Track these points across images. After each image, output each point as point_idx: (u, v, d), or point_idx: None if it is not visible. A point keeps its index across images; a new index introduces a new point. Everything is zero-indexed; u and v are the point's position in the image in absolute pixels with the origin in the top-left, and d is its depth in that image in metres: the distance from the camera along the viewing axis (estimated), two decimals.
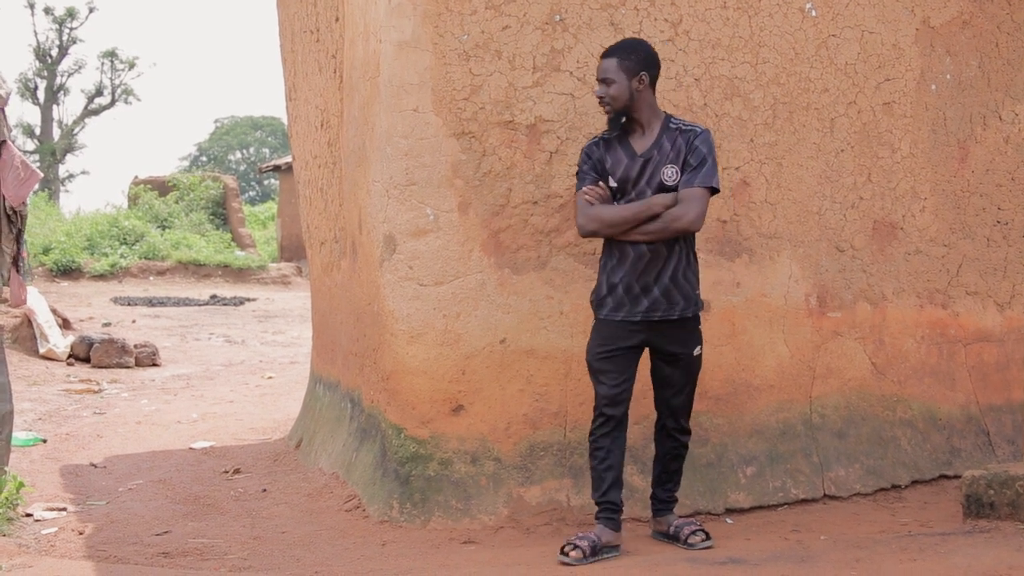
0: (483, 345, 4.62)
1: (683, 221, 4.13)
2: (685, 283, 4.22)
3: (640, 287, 4.19)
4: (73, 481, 5.72)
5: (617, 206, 4.21)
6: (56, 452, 6.61)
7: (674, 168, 4.19)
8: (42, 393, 9.06)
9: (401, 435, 4.63)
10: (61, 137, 41.61)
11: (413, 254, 4.56)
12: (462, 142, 4.57)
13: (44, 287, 17.40)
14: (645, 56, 4.23)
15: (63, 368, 10.60)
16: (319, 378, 6.51)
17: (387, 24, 4.52)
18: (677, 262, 4.21)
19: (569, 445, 4.69)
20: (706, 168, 4.17)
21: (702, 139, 4.22)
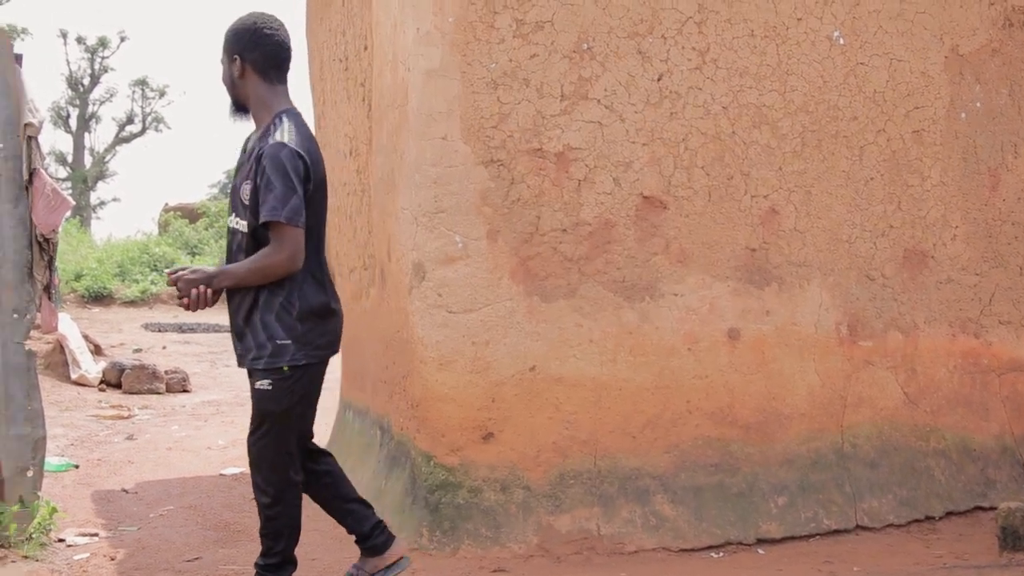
0: (512, 372, 4.61)
1: (277, 266, 3.54)
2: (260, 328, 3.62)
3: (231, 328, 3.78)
4: (105, 507, 5.75)
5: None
6: (88, 477, 6.64)
7: (250, 186, 3.60)
8: (74, 419, 9.11)
9: (431, 462, 4.62)
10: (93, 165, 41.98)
11: (442, 282, 4.57)
12: (490, 170, 4.58)
13: (76, 313, 17.52)
14: (238, 38, 3.70)
15: (95, 394, 10.66)
16: (349, 405, 6.52)
17: (415, 52, 4.55)
18: (253, 301, 3.63)
19: (599, 473, 4.67)
20: (274, 195, 3.49)
21: (267, 156, 3.53)
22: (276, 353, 3.61)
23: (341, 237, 6.52)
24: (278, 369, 3.61)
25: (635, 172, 4.72)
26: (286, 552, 3.76)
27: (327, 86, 6.64)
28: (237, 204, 3.69)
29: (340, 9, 6.10)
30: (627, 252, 4.73)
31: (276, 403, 3.64)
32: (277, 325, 3.61)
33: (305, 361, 3.65)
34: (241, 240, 3.67)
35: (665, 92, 4.75)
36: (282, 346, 3.61)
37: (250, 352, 3.65)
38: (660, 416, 4.77)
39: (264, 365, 3.61)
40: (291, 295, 3.61)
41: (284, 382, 3.62)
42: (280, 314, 3.61)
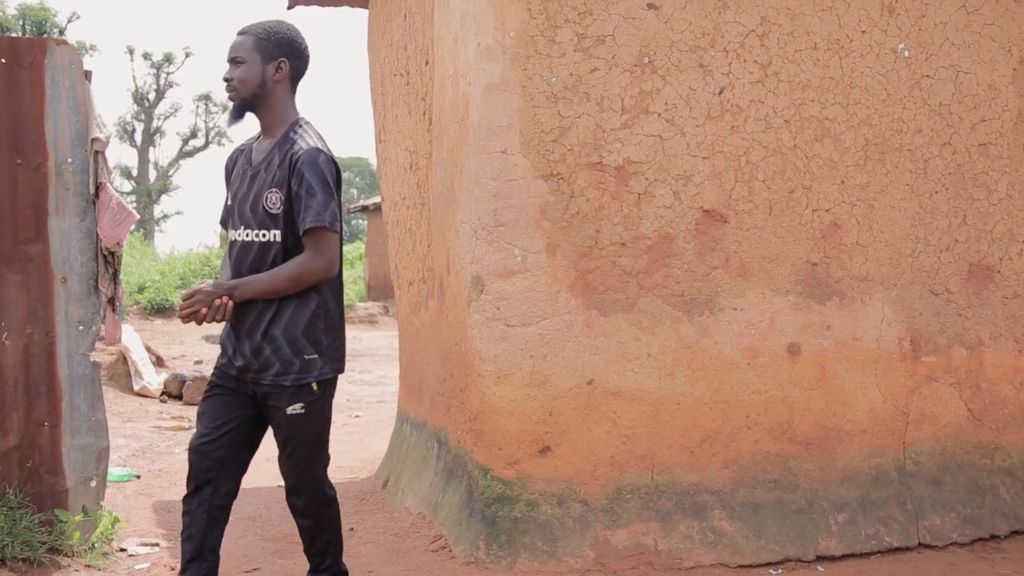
0: (570, 386, 4.61)
1: (314, 273, 3.52)
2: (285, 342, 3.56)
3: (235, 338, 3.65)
4: (166, 517, 5.81)
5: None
6: (149, 488, 6.72)
7: (278, 194, 3.54)
8: (136, 429, 9.23)
9: (488, 476, 4.63)
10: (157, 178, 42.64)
11: (501, 295, 4.57)
12: (550, 184, 4.59)
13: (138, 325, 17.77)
14: (289, 42, 3.66)
15: (156, 405, 10.79)
16: (406, 417, 6.54)
17: (476, 67, 4.57)
18: (275, 314, 3.57)
19: (657, 488, 4.64)
20: (317, 201, 3.49)
21: (306, 161, 3.52)
22: (304, 369, 3.57)
23: (401, 250, 6.55)
24: (307, 387, 3.57)
25: (695, 186, 4.70)
26: (334, 566, 3.82)
27: (388, 100, 6.69)
28: (256, 215, 3.58)
29: (402, 24, 6.15)
30: (687, 266, 4.71)
31: (310, 425, 3.62)
32: (304, 339, 3.57)
33: (331, 375, 3.66)
34: (268, 253, 3.58)
35: (726, 106, 4.73)
36: (310, 361, 3.58)
37: (271, 368, 3.56)
38: (719, 431, 4.74)
39: (292, 382, 3.55)
40: (319, 307, 3.59)
41: (316, 403, 3.61)
42: (308, 328, 3.57)
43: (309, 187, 3.49)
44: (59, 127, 4.71)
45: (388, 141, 6.78)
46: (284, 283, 3.53)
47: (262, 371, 3.58)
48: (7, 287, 4.69)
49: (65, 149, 4.74)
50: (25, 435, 4.71)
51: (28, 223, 4.72)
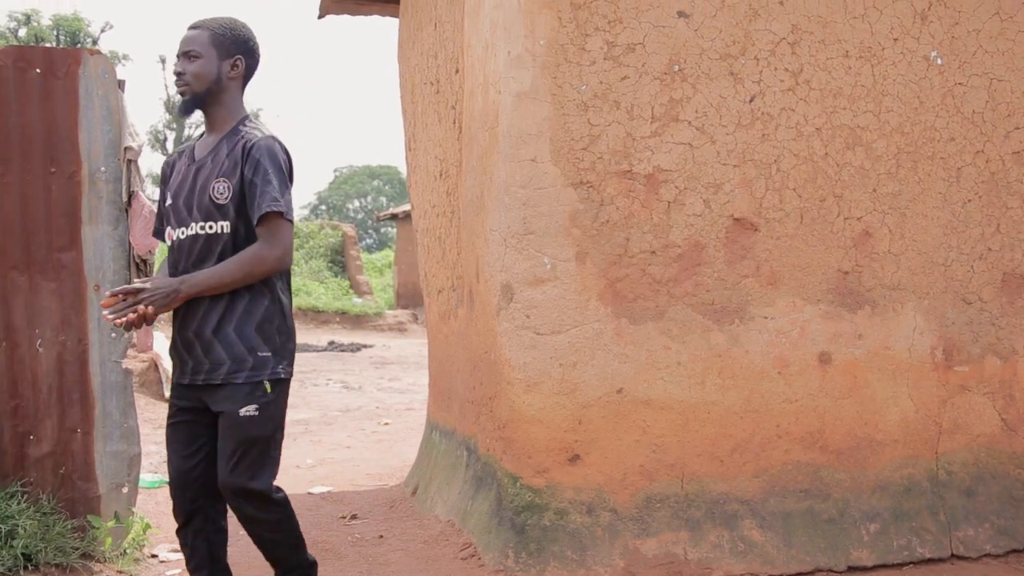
0: (600, 395, 4.60)
1: (267, 263, 3.39)
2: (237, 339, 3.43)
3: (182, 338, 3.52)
4: None
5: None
6: None
7: (226, 184, 3.43)
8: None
9: (517, 484, 4.62)
10: None
11: (530, 303, 4.57)
12: (580, 192, 4.58)
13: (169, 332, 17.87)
14: (245, 40, 3.61)
15: None
16: (435, 425, 6.55)
17: (506, 75, 4.58)
18: (226, 310, 3.44)
19: (687, 497, 4.63)
20: (272, 187, 3.38)
21: (261, 148, 3.43)
22: (258, 366, 3.43)
23: (430, 258, 6.57)
24: (259, 385, 3.42)
25: (726, 194, 4.69)
26: (302, 562, 3.70)
27: (418, 109, 6.71)
28: (202, 207, 3.45)
29: (432, 33, 6.17)
30: (717, 274, 4.69)
31: (263, 428, 3.44)
32: (257, 336, 3.43)
33: (283, 375, 3.51)
34: (215, 245, 3.45)
35: (757, 114, 4.71)
36: (263, 359, 3.44)
37: (222, 366, 3.42)
38: (749, 440, 4.72)
39: (245, 379, 3.41)
40: (272, 303, 3.47)
41: (268, 406, 3.44)
42: (261, 324, 3.45)
43: (265, 173, 3.39)
44: (93, 136, 4.76)
45: (418, 149, 6.80)
46: (234, 274, 3.38)
47: (213, 370, 3.44)
48: (41, 295, 4.74)
49: (98, 158, 4.78)
50: (58, 442, 4.75)
51: (62, 231, 4.76)
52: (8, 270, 4.72)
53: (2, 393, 4.74)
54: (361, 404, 12.03)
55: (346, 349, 18.87)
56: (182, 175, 3.56)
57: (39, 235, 4.75)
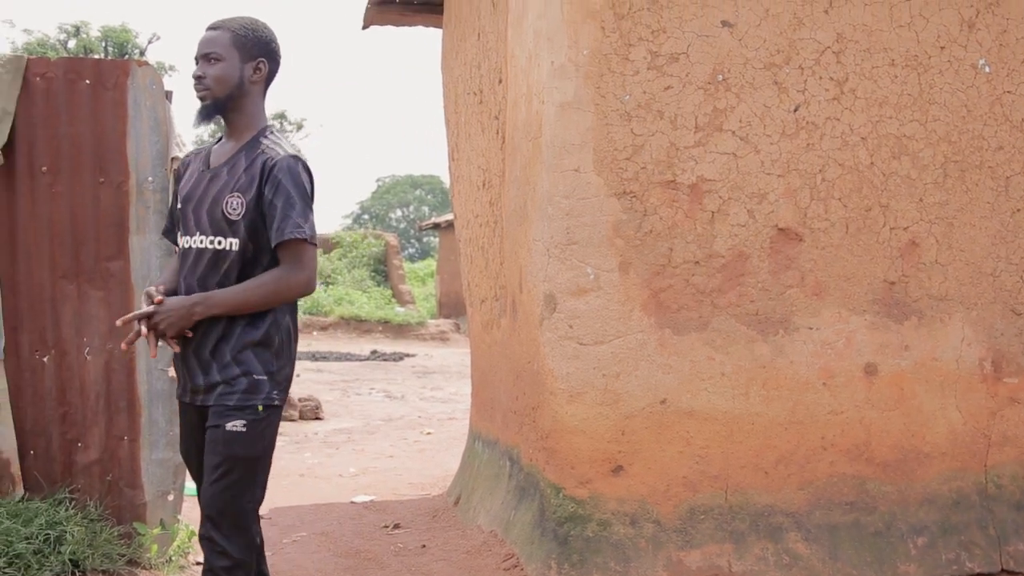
0: (643, 405, 4.58)
1: (293, 289, 3.25)
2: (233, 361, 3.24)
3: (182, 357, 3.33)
4: None
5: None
6: None
7: (240, 199, 3.23)
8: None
9: (560, 494, 4.62)
10: None
11: (573, 313, 4.57)
12: (623, 202, 4.58)
13: None
14: (268, 43, 3.39)
15: None
16: (478, 435, 6.55)
17: (550, 85, 4.58)
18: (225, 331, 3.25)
19: (731, 509, 4.60)
20: (296, 211, 3.20)
21: (284, 168, 3.24)
22: (251, 390, 3.23)
23: (473, 267, 6.58)
24: (251, 407, 3.22)
25: (770, 204, 4.66)
26: None
27: (461, 119, 6.73)
28: (213, 221, 3.27)
29: (475, 43, 6.18)
30: (761, 285, 4.67)
31: (248, 447, 3.22)
32: (254, 359, 3.25)
33: (278, 401, 3.30)
34: (221, 262, 3.27)
35: (801, 123, 4.68)
36: (258, 383, 3.24)
37: (216, 387, 3.25)
38: (794, 452, 4.68)
39: (237, 402, 3.21)
40: (272, 325, 3.28)
41: (258, 424, 3.23)
42: (258, 349, 3.26)
43: (288, 196, 3.20)
44: (140, 146, 4.81)
45: (461, 159, 6.82)
46: (256, 299, 3.22)
47: (207, 391, 3.27)
48: (89, 303, 4.79)
49: (146, 168, 4.83)
50: (105, 449, 4.80)
51: (109, 240, 4.82)
52: (58, 279, 4.78)
53: (51, 400, 4.80)
54: (403, 413, 12.06)
55: (388, 358, 18.93)
56: (194, 181, 3.38)
57: (88, 244, 4.80)
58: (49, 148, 4.79)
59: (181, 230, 3.39)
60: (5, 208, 4.78)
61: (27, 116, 4.77)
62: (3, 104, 4.71)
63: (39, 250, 4.79)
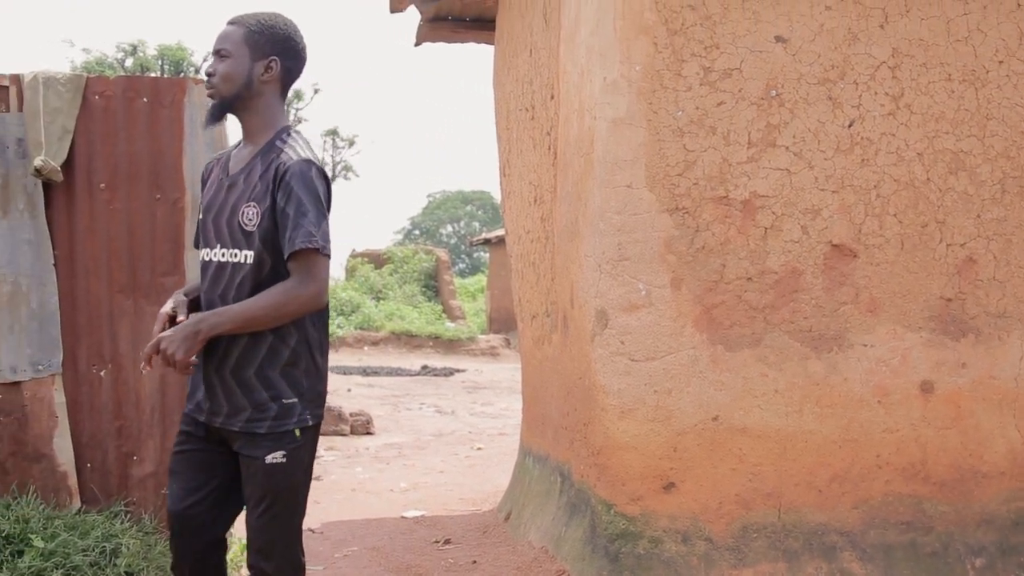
0: (695, 422, 4.56)
1: (300, 302, 3.02)
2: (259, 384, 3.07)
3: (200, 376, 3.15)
4: None
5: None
6: None
7: (255, 209, 3.06)
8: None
9: (611, 511, 4.60)
10: None
11: (625, 329, 4.56)
12: (675, 217, 4.56)
13: None
14: (284, 40, 3.19)
15: None
16: (529, 450, 6.54)
17: (602, 101, 4.58)
18: (247, 351, 3.07)
19: (784, 527, 4.56)
20: (308, 220, 2.99)
21: (296, 174, 3.03)
22: (282, 415, 3.07)
23: (524, 283, 6.58)
24: (287, 434, 3.07)
25: (824, 220, 4.62)
26: None
27: (513, 135, 6.74)
28: (231, 232, 3.10)
29: (527, 59, 6.20)
30: (815, 301, 4.63)
31: (289, 477, 3.10)
32: (282, 381, 3.08)
33: (312, 421, 3.14)
34: (235, 276, 3.09)
35: (856, 139, 4.65)
36: (288, 407, 3.08)
37: (242, 413, 3.07)
38: (848, 470, 4.63)
39: (268, 429, 3.05)
40: (299, 344, 3.11)
41: (297, 452, 3.09)
42: (286, 368, 3.09)
43: (299, 203, 3.00)
44: (196, 163, 4.87)
45: (512, 175, 6.84)
46: (264, 314, 3.00)
47: (232, 416, 3.09)
48: (145, 318, 4.85)
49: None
50: (160, 462, 4.85)
51: (165, 256, 4.88)
52: (115, 294, 4.85)
53: (107, 414, 4.86)
54: (454, 428, 12.08)
55: (439, 373, 18.97)
56: (215, 189, 3.21)
57: (144, 260, 4.87)
58: (107, 165, 4.87)
59: (202, 242, 3.23)
60: (65, 224, 4.86)
61: (86, 134, 4.85)
62: (63, 122, 4.80)
63: (97, 265, 4.87)
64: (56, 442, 4.83)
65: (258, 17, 3.18)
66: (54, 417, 4.83)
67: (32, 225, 4.82)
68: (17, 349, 4.81)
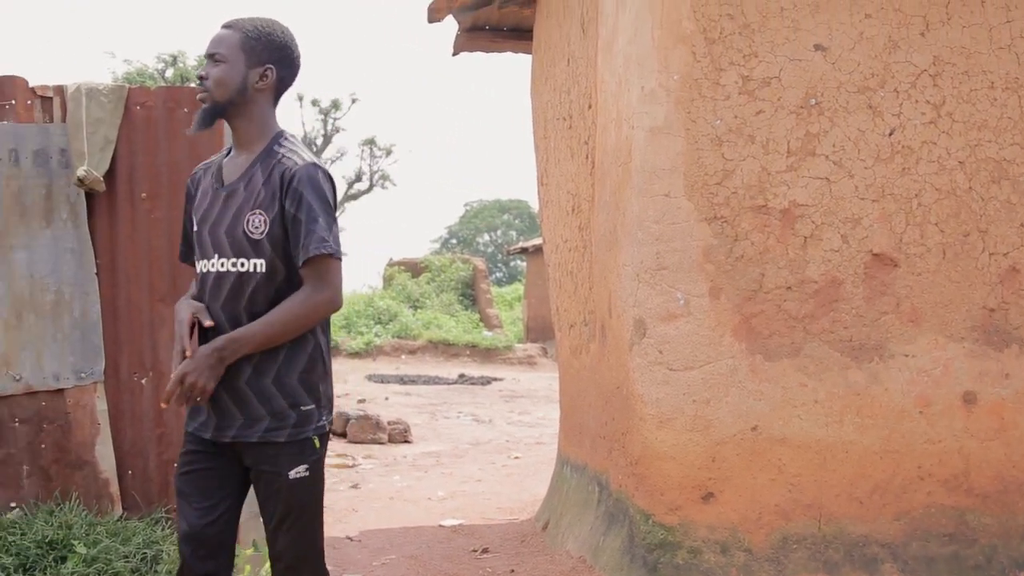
0: (734, 432, 4.53)
1: (320, 310, 2.98)
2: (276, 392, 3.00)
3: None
4: (331, 553, 5.90)
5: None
6: None
7: (262, 217, 2.98)
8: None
9: (649, 521, 4.58)
10: None
11: (663, 338, 4.54)
12: (714, 227, 4.55)
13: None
14: (281, 48, 3.10)
15: None
16: (566, 460, 6.53)
17: (640, 110, 4.58)
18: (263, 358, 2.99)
19: (824, 538, 4.52)
20: (320, 225, 2.96)
21: (304, 179, 2.99)
22: (301, 422, 3.02)
23: (562, 292, 6.58)
24: (308, 443, 3.03)
25: (864, 229, 4.59)
26: None
27: (550, 144, 6.75)
28: (234, 241, 3.01)
29: (565, 69, 6.21)
30: (855, 311, 4.59)
31: (312, 490, 3.07)
32: (300, 387, 3.02)
33: (328, 426, 3.12)
34: (245, 285, 3.01)
35: (897, 147, 4.61)
36: (307, 413, 3.03)
37: (260, 423, 2.99)
38: (889, 481, 4.59)
39: (288, 438, 2.99)
40: (315, 348, 3.07)
41: (318, 463, 3.06)
42: (305, 373, 3.04)
43: (309, 209, 2.96)
44: None
45: (550, 184, 6.84)
46: (284, 330, 2.96)
47: (248, 427, 3.01)
48: None
49: None
50: None
51: None
52: (155, 302, 4.89)
53: (148, 421, 4.90)
54: (491, 437, 12.08)
55: (476, 382, 18.98)
56: (209, 199, 3.11)
57: (184, 269, 4.89)
58: (148, 175, 4.92)
59: (198, 253, 3.12)
60: (107, 233, 4.91)
61: (128, 144, 4.90)
62: (106, 133, 4.85)
63: (138, 274, 4.91)
64: (98, 449, 4.88)
65: (255, 23, 3.10)
66: (96, 424, 4.88)
67: (75, 234, 4.88)
68: (60, 357, 4.86)
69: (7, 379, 4.84)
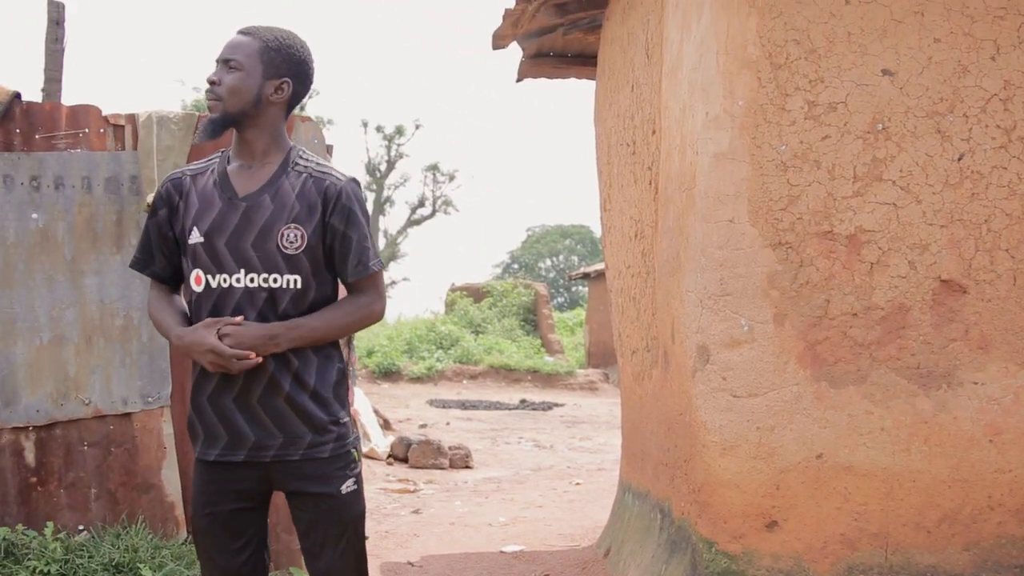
0: (798, 460, 4.49)
1: (374, 316, 3.04)
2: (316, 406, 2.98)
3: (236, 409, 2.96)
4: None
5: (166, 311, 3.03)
6: (376, 549, 6.89)
7: (299, 231, 2.91)
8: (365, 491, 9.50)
9: (712, 549, 4.54)
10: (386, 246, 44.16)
11: (726, 365, 4.51)
12: (778, 253, 4.52)
13: (367, 388, 18.35)
14: (299, 62, 3.04)
15: (383, 467, 11.09)
16: (628, 486, 6.50)
17: (704, 136, 4.57)
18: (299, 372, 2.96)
19: (891, 568, 4.45)
20: (370, 240, 3.02)
21: (352, 195, 2.99)
22: (341, 435, 3.02)
23: (624, 318, 6.56)
24: (349, 455, 3.03)
25: (932, 255, 4.54)
26: None
27: (614, 170, 6.75)
28: (266, 256, 2.93)
29: (629, 95, 6.22)
30: (922, 338, 4.53)
31: (359, 503, 3.10)
32: (334, 400, 3.02)
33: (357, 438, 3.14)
34: (279, 302, 2.94)
35: (966, 172, 4.56)
36: (345, 425, 3.05)
37: (302, 439, 2.96)
38: (958, 511, 4.51)
39: (332, 452, 2.98)
40: (341, 361, 3.08)
41: (360, 476, 3.07)
42: (337, 386, 3.04)
43: (360, 226, 2.98)
44: None
45: (613, 210, 6.84)
46: (341, 329, 2.99)
47: (290, 444, 2.96)
48: None
49: None
50: None
51: None
52: None
53: None
54: (552, 463, 12.05)
55: (537, 408, 18.96)
56: (220, 210, 2.97)
57: None
58: None
59: (203, 267, 2.96)
60: None
61: None
62: (176, 159, 4.93)
63: None
64: (164, 473, 4.95)
65: (275, 33, 3.03)
66: (163, 448, 4.95)
67: None
68: (128, 381, 4.94)
69: (77, 403, 4.93)
